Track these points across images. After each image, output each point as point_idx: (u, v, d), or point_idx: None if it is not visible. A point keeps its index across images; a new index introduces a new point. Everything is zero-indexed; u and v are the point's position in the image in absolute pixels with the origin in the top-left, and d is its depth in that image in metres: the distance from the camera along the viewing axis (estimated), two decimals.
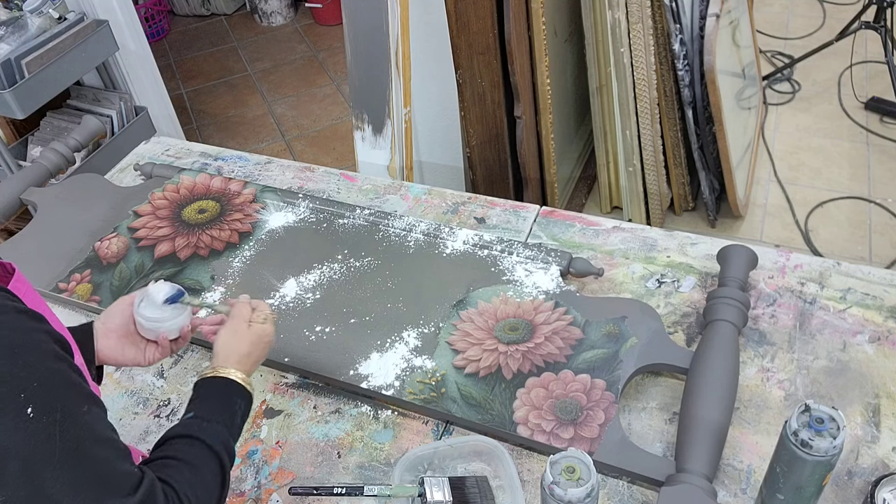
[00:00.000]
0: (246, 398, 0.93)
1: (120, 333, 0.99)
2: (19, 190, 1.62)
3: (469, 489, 0.99)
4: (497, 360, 1.18)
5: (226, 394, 0.92)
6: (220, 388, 0.92)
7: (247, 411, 0.93)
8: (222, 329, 0.99)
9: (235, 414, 0.90)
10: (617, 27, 2.15)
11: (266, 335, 1.01)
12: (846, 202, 2.56)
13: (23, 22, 2.28)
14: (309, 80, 3.68)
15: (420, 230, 1.43)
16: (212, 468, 0.82)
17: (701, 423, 1.01)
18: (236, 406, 0.91)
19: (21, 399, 0.61)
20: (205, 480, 0.81)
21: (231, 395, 0.92)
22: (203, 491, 0.79)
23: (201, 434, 0.84)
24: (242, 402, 0.92)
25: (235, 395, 0.92)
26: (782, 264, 1.30)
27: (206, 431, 0.85)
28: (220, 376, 0.93)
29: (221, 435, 0.86)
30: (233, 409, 0.90)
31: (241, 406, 0.92)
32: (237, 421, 0.90)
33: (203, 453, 0.83)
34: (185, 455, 0.82)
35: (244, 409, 0.92)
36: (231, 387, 0.92)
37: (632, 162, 2.36)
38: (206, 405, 0.89)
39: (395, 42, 1.88)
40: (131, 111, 2.64)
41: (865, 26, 2.77)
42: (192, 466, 0.81)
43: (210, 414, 0.88)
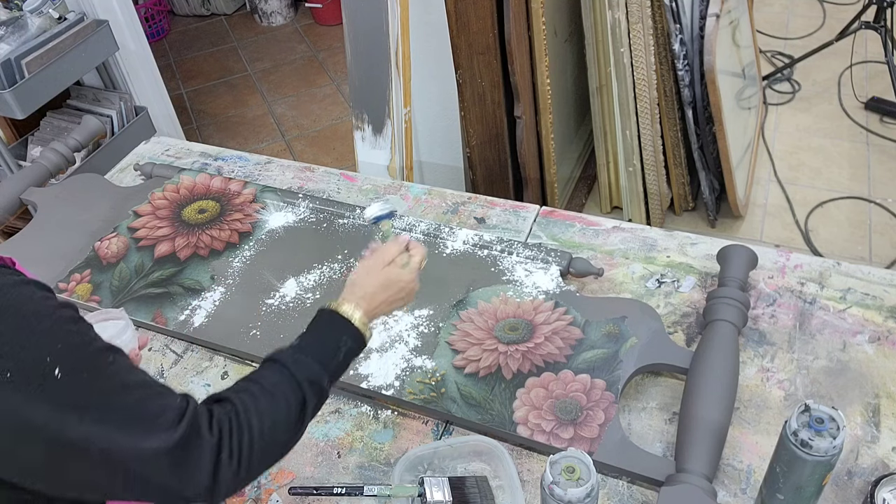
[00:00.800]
0: (356, 338, 0.90)
1: None
2: (19, 190, 1.62)
3: (469, 489, 0.99)
4: (497, 360, 1.18)
5: (335, 330, 0.89)
6: (331, 323, 0.90)
7: (353, 351, 0.90)
8: (362, 262, 0.99)
9: (338, 351, 0.87)
10: (617, 27, 2.15)
11: (400, 280, 0.97)
12: (846, 202, 2.56)
13: (23, 22, 2.28)
14: (309, 80, 3.68)
15: (420, 230, 1.43)
16: (290, 401, 0.79)
17: (701, 423, 1.01)
18: (341, 343, 0.88)
19: (48, 363, 0.62)
20: (278, 411, 0.78)
21: (339, 333, 0.89)
22: (274, 421, 0.77)
23: (292, 365, 0.82)
24: (350, 342, 0.89)
25: (344, 332, 0.89)
26: (782, 264, 1.30)
27: (299, 363, 0.82)
28: (337, 312, 0.91)
29: (313, 370, 0.83)
30: (336, 346, 0.88)
31: (347, 345, 0.89)
32: (339, 358, 0.87)
33: (286, 384, 0.80)
34: (267, 382, 0.80)
35: (350, 348, 0.89)
36: (342, 324, 0.90)
37: (632, 162, 2.36)
38: (310, 337, 0.88)
39: (395, 42, 1.88)
40: (131, 111, 2.64)
41: (865, 26, 2.77)
42: (270, 395, 0.78)
43: (310, 347, 0.86)
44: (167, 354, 1.29)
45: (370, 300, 0.94)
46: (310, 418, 0.82)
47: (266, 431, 0.76)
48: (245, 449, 0.73)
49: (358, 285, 0.95)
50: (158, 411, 0.69)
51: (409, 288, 0.99)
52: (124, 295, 1.37)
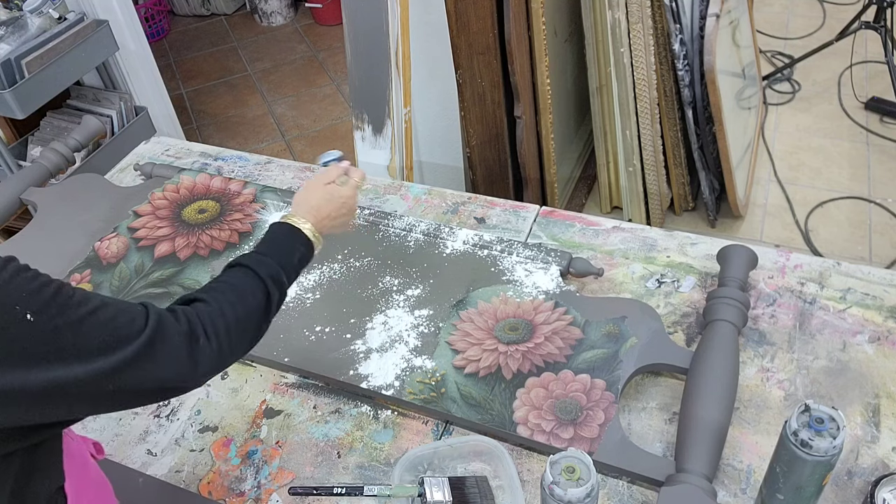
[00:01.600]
0: (307, 244, 1.01)
1: None
2: (19, 190, 1.62)
3: (469, 489, 0.99)
4: (497, 360, 1.18)
5: (288, 237, 1.00)
6: (284, 232, 1.01)
7: (306, 256, 1.01)
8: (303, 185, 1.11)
9: (292, 254, 0.98)
10: (617, 27, 2.15)
11: (340, 196, 1.09)
12: (846, 202, 2.56)
13: (23, 22, 2.28)
14: (309, 80, 3.68)
15: (420, 230, 1.43)
16: (255, 294, 0.89)
17: (701, 423, 1.01)
18: (295, 249, 0.99)
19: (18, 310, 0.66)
20: (245, 302, 0.87)
21: (292, 240, 1.00)
22: (242, 311, 0.86)
23: (252, 264, 0.92)
24: (302, 247, 1.00)
25: (297, 240, 1.01)
26: (782, 264, 1.30)
27: (259, 263, 0.92)
28: (288, 223, 1.02)
29: (272, 268, 0.93)
30: (291, 250, 0.98)
31: (301, 250, 1.00)
32: (293, 262, 0.98)
33: (249, 279, 0.90)
34: (233, 278, 0.90)
35: (303, 254, 1.00)
36: (294, 232, 1.01)
37: (632, 162, 2.36)
38: (268, 245, 0.98)
39: (395, 42, 1.88)
40: (131, 111, 2.64)
41: (865, 26, 2.77)
42: (235, 289, 0.88)
43: (268, 251, 0.96)
44: None
45: (315, 213, 1.05)
46: (275, 311, 0.93)
47: (239, 317, 0.85)
48: (221, 331, 0.82)
49: (302, 201, 1.07)
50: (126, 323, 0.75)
51: (350, 203, 1.11)
52: (124, 295, 1.37)
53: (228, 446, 1.14)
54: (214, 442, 1.15)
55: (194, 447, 1.14)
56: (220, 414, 1.19)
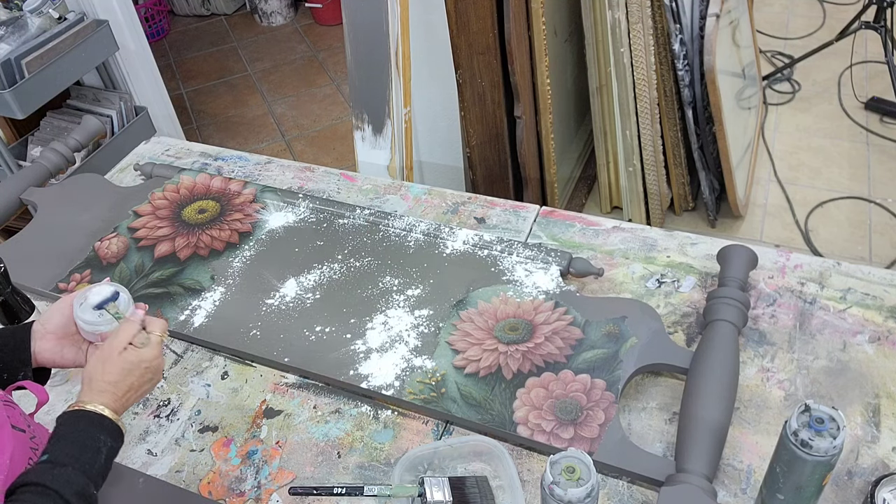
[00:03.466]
0: (112, 434, 0.85)
1: (59, 335, 0.94)
2: (19, 190, 1.62)
3: (469, 489, 0.99)
4: (497, 360, 1.18)
5: (87, 431, 0.83)
6: (81, 425, 0.83)
7: (114, 448, 0.85)
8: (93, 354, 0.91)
9: (99, 453, 0.82)
10: (617, 27, 2.15)
11: (142, 361, 0.90)
12: (846, 202, 2.56)
13: (23, 22, 2.28)
14: (309, 80, 3.68)
15: (420, 230, 1.43)
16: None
17: (701, 423, 1.01)
18: (100, 444, 0.83)
19: None
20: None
21: (93, 433, 0.83)
22: None
23: (52, 483, 0.76)
24: (108, 439, 0.84)
25: (99, 431, 0.83)
26: (782, 264, 1.30)
27: (59, 479, 0.77)
28: (83, 410, 0.84)
29: (76, 482, 0.78)
30: (95, 448, 0.82)
31: (107, 443, 0.83)
32: (100, 460, 0.82)
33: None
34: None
35: (110, 446, 0.84)
36: (95, 422, 0.84)
37: (632, 162, 2.36)
38: (63, 446, 0.81)
39: (395, 42, 1.88)
40: (131, 111, 2.64)
41: (865, 26, 2.77)
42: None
43: (66, 457, 0.80)
44: (167, 354, 1.29)
45: (114, 390, 0.87)
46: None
47: None
48: None
49: (96, 377, 0.88)
50: None
51: (155, 366, 0.92)
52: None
53: (228, 446, 1.14)
54: (214, 442, 1.15)
55: (194, 447, 1.15)
56: (220, 414, 1.19)
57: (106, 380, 0.87)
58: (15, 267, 1.28)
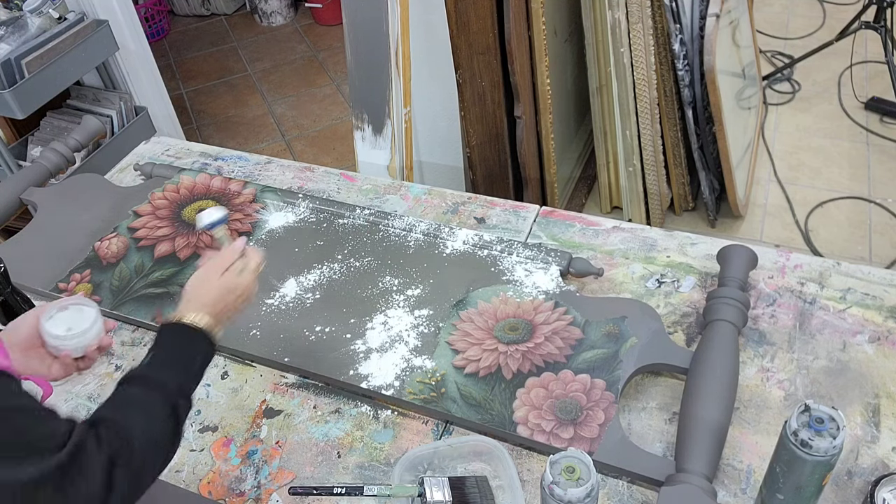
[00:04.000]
0: (207, 345, 0.92)
1: (24, 346, 0.95)
2: (19, 190, 1.62)
3: (469, 489, 0.99)
4: (497, 360, 1.18)
5: (185, 341, 0.91)
6: (180, 335, 0.91)
7: (207, 358, 0.92)
8: (195, 272, 0.98)
9: (193, 360, 0.89)
10: (617, 27, 2.15)
11: (237, 288, 0.98)
12: (846, 202, 2.56)
13: (23, 22, 2.28)
14: (309, 80, 3.68)
15: (420, 230, 1.43)
16: (163, 414, 0.82)
17: (701, 423, 1.01)
18: (195, 352, 0.90)
19: None
20: (155, 426, 0.80)
21: (191, 342, 0.91)
22: (152, 436, 0.79)
23: (155, 380, 0.83)
24: (202, 349, 0.91)
25: (195, 341, 0.91)
26: (782, 264, 1.30)
27: (162, 375, 0.84)
28: (181, 323, 0.91)
29: (178, 383, 0.85)
30: (191, 356, 0.89)
31: (201, 353, 0.91)
32: (195, 368, 0.89)
33: (155, 399, 0.82)
34: (137, 400, 0.81)
35: (204, 356, 0.91)
36: (191, 334, 0.91)
37: (632, 162, 2.36)
38: (163, 352, 0.89)
39: (395, 42, 1.88)
40: (131, 111, 2.64)
41: (865, 26, 2.77)
42: (144, 412, 0.80)
43: (167, 360, 0.87)
44: None
45: (211, 310, 0.94)
46: (182, 428, 0.84)
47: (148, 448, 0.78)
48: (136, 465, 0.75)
49: (195, 297, 0.95)
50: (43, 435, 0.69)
51: (249, 292, 1.00)
52: (124, 295, 1.37)
53: (228, 446, 1.14)
54: (214, 442, 1.15)
55: (194, 447, 1.15)
56: (220, 414, 1.19)
57: (203, 300, 0.95)
58: (15, 267, 1.28)
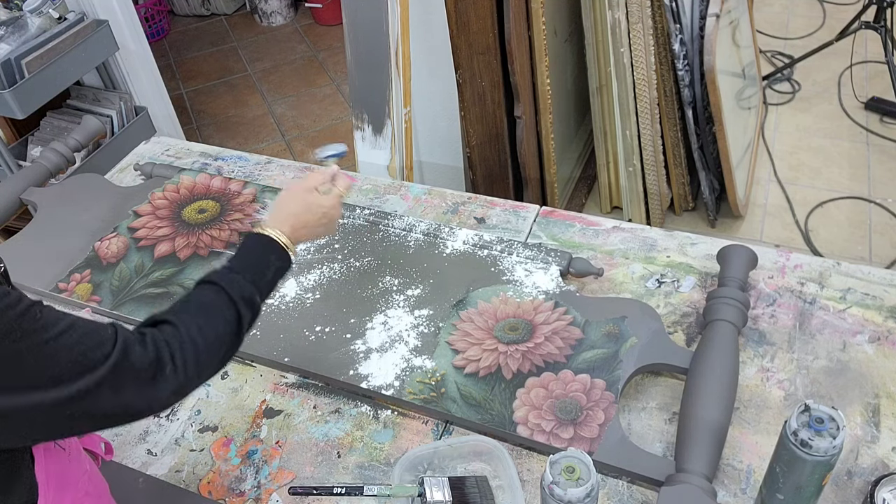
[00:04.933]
0: (282, 257, 0.96)
1: None
2: (19, 190, 1.62)
3: (469, 489, 0.99)
4: (497, 360, 1.18)
5: (263, 250, 0.95)
6: (258, 245, 0.96)
7: (282, 269, 0.96)
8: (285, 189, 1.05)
9: (268, 269, 0.94)
10: (617, 27, 2.15)
11: (322, 205, 1.04)
12: (846, 202, 2.56)
13: (23, 22, 2.28)
14: (309, 80, 3.68)
15: (420, 230, 1.43)
16: (226, 316, 0.85)
17: (701, 423, 1.01)
18: (270, 263, 0.94)
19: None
20: (215, 326, 0.84)
21: (267, 252, 0.95)
22: (211, 335, 0.83)
23: (225, 283, 0.87)
24: (277, 261, 0.95)
25: (272, 252, 0.95)
26: (782, 264, 1.30)
27: (232, 282, 0.88)
28: (261, 233, 0.97)
29: (246, 288, 0.88)
30: (266, 265, 0.94)
31: (275, 263, 0.95)
32: (269, 277, 0.94)
33: (221, 300, 0.86)
34: (204, 298, 0.86)
35: (278, 266, 0.95)
36: (269, 244, 0.96)
37: (632, 162, 2.36)
38: (240, 259, 0.93)
39: (395, 42, 1.88)
40: (131, 111, 2.64)
41: (865, 26, 2.77)
42: (206, 310, 0.84)
43: (242, 267, 0.91)
44: None
45: (293, 222, 1.00)
46: (246, 332, 0.88)
47: (208, 345, 0.82)
48: (190, 357, 0.79)
49: (281, 208, 1.02)
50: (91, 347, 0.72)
51: (332, 213, 1.06)
52: (124, 295, 1.37)
53: (228, 446, 1.14)
54: (214, 442, 1.15)
55: (194, 447, 1.15)
56: (220, 414, 1.19)
57: (288, 210, 1.01)
58: (15, 267, 1.27)
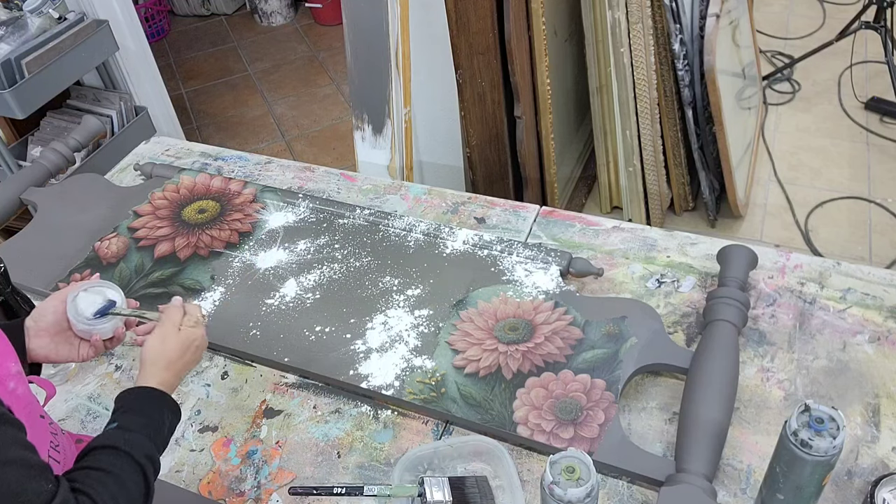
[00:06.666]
0: (173, 410, 0.92)
1: (52, 332, 0.97)
2: (19, 190, 1.62)
3: (469, 489, 0.99)
4: (497, 360, 1.18)
5: (152, 405, 0.91)
6: (149, 400, 0.91)
7: (174, 423, 0.92)
8: (151, 335, 0.97)
9: (162, 425, 0.90)
10: (617, 27, 2.15)
11: (195, 339, 0.99)
12: (846, 202, 2.56)
13: (23, 22, 2.28)
14: (309, 80, 3.68)
15: (420, 230, 1.43)
16: (135, 480, 0.82)
17: (701, 423, 1.01)
18: (164, 417, 0.90)
19: None
20: (128, 492, 0.80)
21: (158, 407, 0.91)
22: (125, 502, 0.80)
23: (125, 445, 0.83)
24: (170, 414, 0.92)
25: (164, 406, 0.91)
26: (782, 264, 1.30)
27: (130, 443, 0.84)
28: (147, 387, 0.92)
29: (146, 447, 0.85)
30: (160, 421, 0.90)
31: (169, 418, 0.91)
32: (164, 433, 0.90)
33: (126, 464, 0.82)
34: (108, 466, 0.81)
35: (171, 420, 0.92)
36: (160, 399, 0.91)
37: (632, 162, 2.36)
38: (130, 416, 0.88)
39: (395, 42, 1.88)
40: (131, 111, 2.64)
41: (865, 26, 2.77)
42: (115, 477, 0.80)
43: (135, 425, 0.87)
44: None
45: (172, 367, 0.95)
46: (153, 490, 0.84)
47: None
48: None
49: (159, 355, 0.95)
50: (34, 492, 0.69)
51: (203, 344, 1.01)
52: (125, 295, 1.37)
53: (228, 446, 1.14)
54: (214, 442, 1.15)
55: (194, 447, 1.15)
56: (220, 414, 1.19)
57: (167, 357, 0.95)
58: (15, 267, 1.27)
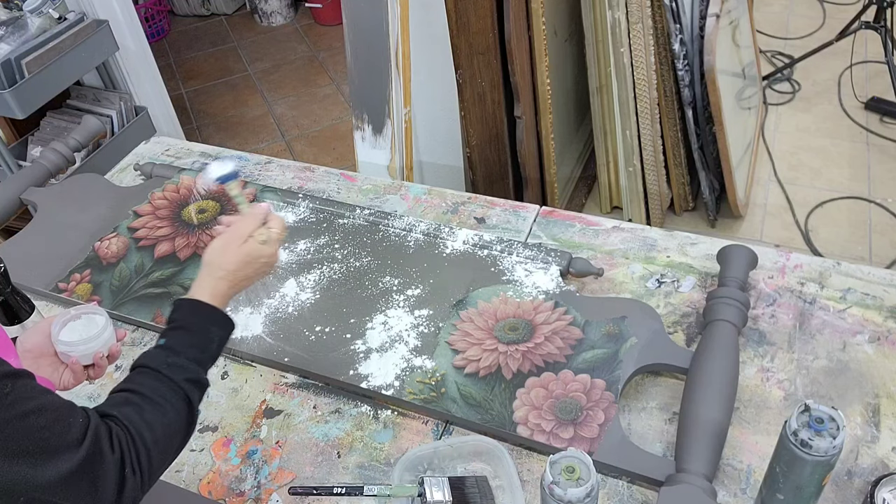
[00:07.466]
0: (224, 325, 0.89)
1: (35, 354, 0.94)
2: (19, 190, 1.62)
3: (469, 489, 0.99)
4: (497, 360, 1.18)
5: (202, 322, 0.87)
6: (196, 315, 0.87)
7: (225, 339, 0.89)
8: (216, 238, 0.94)
9: (211, 343, 0.86)
10: (617, 27, 2.15)
11: (260, 256, 0.94)
12: (846, 202, 2.56)
13: (23, 22, 2.28)
14: (309, 80, 3.68)
15: (420, 230, 1.43)
16: (176, 406, 0.79)
17: (701, 423, 1.01)
18: (212, 335, 0.87)
19: None
20: (166, 418, 0.78)
21: (207, 324, 0.87)
22: (165, 428, 0.78)
23: (168, 370, 0.81)
24: (220, 331, 0.88)
25: (212, 323, 0.88)
26: (782, 264, 1.30)
27: (174, 367, 0.81)
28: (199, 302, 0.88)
29: (189, 370, 0.82)
30: (207, 339, 0.86)
31: (218, 334, 0.88)
32: (212, 350, 0.87)
33: (167, 389, 0.80)
34: (149, 391, 0.79)
35: (221, 336, 0.88)
36: (209, 314, 0.88)
37: (632, 162, 2.36)
38: (179, 335, 0.85)
39: (395, 42, 1.88)
40: (131, 111, 2.64)
41: (865, 26, 2.77)
42: (155, 404, 0.78)
43: (181, 345, 0.84)
44: None
45: (231, 279, 0.91)
46: (197, 413, 0.83)
47: (159, 440, 0.76)
48: (144, 462, 0.74)
49: (215, 265, 0.91)
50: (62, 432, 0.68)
51: (272, 262, 0.97)
52: (124, 295, 1.37)
53: (228, 446, 1.14)
54: (214, 442, 1.15)
55: (194, 447, 1.15)
56: (220, 414, 1.19)
57: (225, 267, 0.91)
58: (15, 267, 1.27)
